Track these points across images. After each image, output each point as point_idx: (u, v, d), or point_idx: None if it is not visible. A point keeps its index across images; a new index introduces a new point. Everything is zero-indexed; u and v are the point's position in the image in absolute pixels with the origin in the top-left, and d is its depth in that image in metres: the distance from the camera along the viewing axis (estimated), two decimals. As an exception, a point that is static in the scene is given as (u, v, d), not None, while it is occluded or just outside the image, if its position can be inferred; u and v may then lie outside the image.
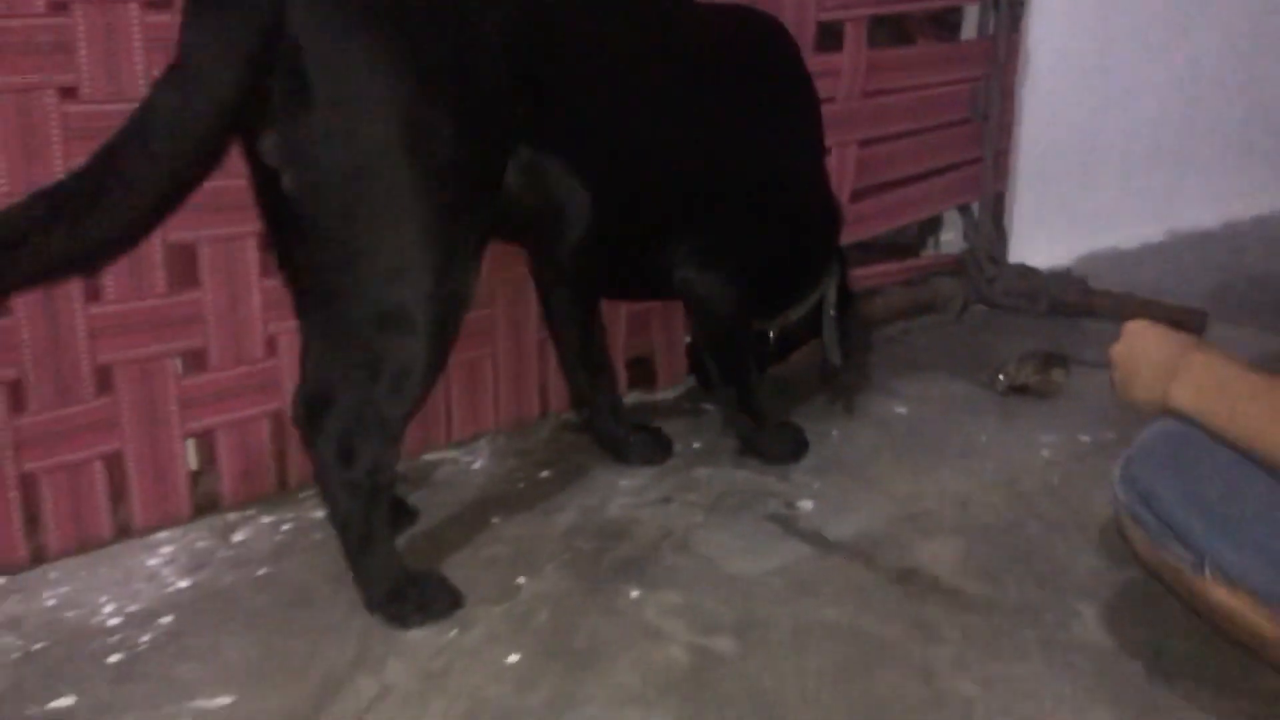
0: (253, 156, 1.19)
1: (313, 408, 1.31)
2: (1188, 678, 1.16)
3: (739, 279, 1.60)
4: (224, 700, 1.15)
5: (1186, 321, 2.12)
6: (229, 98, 1.09)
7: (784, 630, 1.26)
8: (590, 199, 1.41)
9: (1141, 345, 1.05)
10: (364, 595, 1.28)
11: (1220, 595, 0.98)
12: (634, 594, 1.34)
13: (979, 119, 2.30)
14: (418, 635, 1.26)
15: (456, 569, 1.38)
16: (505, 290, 1.75)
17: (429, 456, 1.71)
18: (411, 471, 1.64)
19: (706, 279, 1.58)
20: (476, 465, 1.70)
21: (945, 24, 2.27)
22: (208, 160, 1.12)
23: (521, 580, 1.37)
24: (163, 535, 1.48)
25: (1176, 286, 2.43)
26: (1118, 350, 1.08)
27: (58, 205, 1.04)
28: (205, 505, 1.53)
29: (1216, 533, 0.96)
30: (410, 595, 1.29)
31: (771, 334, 1.77)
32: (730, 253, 1.59)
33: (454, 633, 1.27)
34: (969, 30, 2.28)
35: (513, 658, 1.22)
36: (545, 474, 1.66)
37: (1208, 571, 0.98)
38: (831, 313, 1.75)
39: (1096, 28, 2.49)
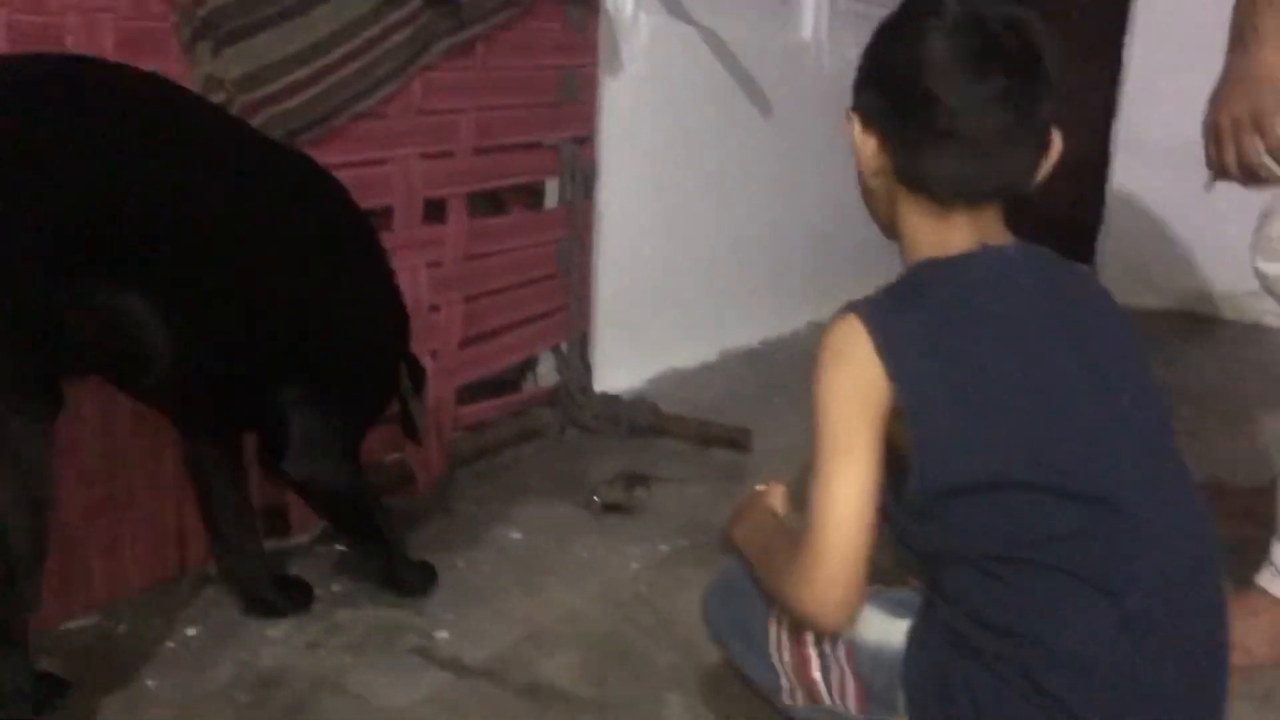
0: None
1: None
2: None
3: (354, 450, 1.72)
4: None
5: (736, 439, 2.60)
6: None
7: (437, 752, 1.48)
8: (168, 337, 1.41)
9: (747, 498, 1.32)
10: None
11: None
12: (298, 739, 1.50)
13: (563, 273, 2.67)
14: (93, 810, 1.34)
15: (119, 738, 1.46)
16: (139, 451, 1.82)
17: (70, 625, 1.73)
18: (54, 642, 1.66)
19: (326, 467, 1.66)
20: (121, 629, 1.75)
21: (532, 194, 2.63)
22: None
23: (187, 740, 1.48)
24: None
25: (730, 402, 2.93)
26: (739, 503, 1.35)
27: None
28: None
29: (747, 649, 1.21)
30: (78, 774, 1.35)
31: None
32: (337, 427, 1.67)
33: (129, 802, 1.36)
34: (551, 200, 2.66)
35: (192, 816, 1.34)
36: (192, 631, 1.75)
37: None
38: (411, 392, 1.85)
39: (655, 193, 2.99)
